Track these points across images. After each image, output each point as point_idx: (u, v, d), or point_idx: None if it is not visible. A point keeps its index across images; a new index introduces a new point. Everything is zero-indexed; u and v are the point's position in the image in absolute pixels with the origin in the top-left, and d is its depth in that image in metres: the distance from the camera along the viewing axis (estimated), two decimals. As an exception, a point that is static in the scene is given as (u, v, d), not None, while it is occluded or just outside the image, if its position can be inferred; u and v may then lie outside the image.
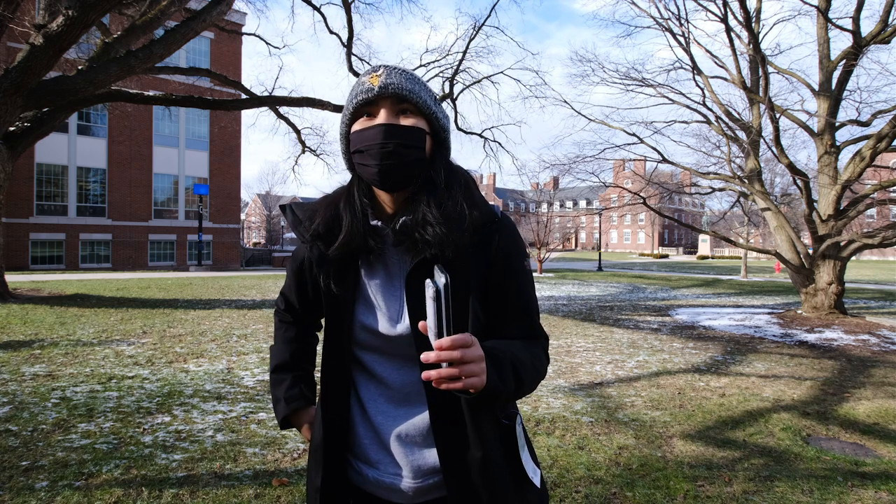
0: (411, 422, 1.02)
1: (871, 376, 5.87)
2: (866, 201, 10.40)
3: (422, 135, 1.00)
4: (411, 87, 0.99)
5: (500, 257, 1.04)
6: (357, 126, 1.01)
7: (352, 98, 1.01)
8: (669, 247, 75.13)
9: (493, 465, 0.99)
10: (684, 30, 11.71)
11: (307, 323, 1.28)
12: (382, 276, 1.05)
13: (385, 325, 1.02)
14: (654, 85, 12.62)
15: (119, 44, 11.21)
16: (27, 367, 5.43)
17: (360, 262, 1.05)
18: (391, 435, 1.03)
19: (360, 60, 16.28)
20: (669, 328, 9.17)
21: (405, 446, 1.02)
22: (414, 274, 0.98)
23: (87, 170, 25.27)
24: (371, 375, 1.06)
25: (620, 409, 4.52)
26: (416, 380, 1.02)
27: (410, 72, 1.04)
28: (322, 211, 1.08)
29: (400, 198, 1.04)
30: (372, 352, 1.05)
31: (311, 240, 1.06)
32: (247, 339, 7.29)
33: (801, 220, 16.62)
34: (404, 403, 1.04)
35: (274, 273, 23.88)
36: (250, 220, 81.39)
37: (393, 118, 0.98)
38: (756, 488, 3.05)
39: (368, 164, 0.98)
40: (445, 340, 0.77)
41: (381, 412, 1.04)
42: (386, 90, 0.97)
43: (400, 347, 1.02)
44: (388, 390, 1.04)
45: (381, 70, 1.00)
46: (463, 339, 0.78)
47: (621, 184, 19.02)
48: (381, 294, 1.04)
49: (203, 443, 3.55)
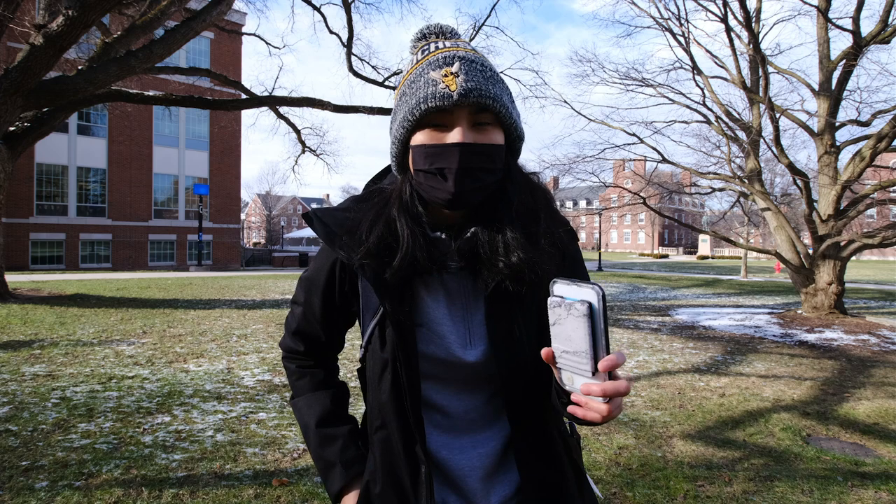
0: (478, 451, 0.93)
1: (871, 376, 5.87)
2: (866, 201, 10.40)
3: (502, 151, 0.86)
4: (495, 93, 0.82)
5: (570, 265, 0.97)
6: (422, 138, 0.84)
7: (418, 100, 0.82)
8: (669, 247, 75.16)
9: (568, 482, 0.94)
10: (684, 30, 11.72)
11: (331, 360, 1.10)
12: (443, 296, 0.92)
13: (453, 353, 0.90)
14: (654, 85, 12.62)
15: (119, 44, 11.21)
16: (27, 367, 5.43)
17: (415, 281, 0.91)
18: (457, 469, 0.92)
19: (361, 60, 16.30)
20: (669, 328, 9.17)
21: (475, 480, 0.92)
22: (493, 295, 0.88)
23: (87, 170, 25.28)
24: (427, 407, 0.92)
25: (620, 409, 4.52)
26: (479, 404, 0.93)
27: (488, 64, 0.86)
28: (368, 221, 0.90)
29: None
30: (428, 380, 0.91)
31: (364, 259, 0.88)
32: (247, 339, 7.29)
33: (801, 220, 16.63)
34: (466, 432, 0.93)
35: (274, 273, 23.88)
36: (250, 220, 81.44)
37: (470, 132, 0.82)
38: (756, 488, 3.05)
39: (439, 188, 0.84)
40: (611, 359, 0.67)
41: (444, 446, 0.92)
42: (467, 98, 0.80)
43: (465, 374, 0.91)
44: (447, 420, 0.93)
45: (455, 64, 0.82)
46: (619, 362, 0.68)
47: (621, 184, 19.03)
48: (444, 318, 0.91)
49: (203, 443, 3.55)
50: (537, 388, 0.90)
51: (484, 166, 0.83)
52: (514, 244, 0.86)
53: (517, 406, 0.91)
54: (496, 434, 0.93)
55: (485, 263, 0.87)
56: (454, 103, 0.80)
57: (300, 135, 17.85)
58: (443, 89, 0.80)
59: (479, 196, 0.86)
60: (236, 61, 28.63)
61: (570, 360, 0.70)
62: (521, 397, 0.90)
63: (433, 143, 0.83)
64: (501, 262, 0.85)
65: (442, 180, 0.83)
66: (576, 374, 0.71)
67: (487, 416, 0.93)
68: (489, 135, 0.84)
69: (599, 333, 0.67)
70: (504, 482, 0.93)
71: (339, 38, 15.95)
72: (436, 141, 0.83)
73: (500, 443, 0.93)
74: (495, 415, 0.93)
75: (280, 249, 40.45)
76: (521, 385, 0.89)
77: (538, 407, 0.92)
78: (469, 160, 0.82)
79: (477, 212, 0.89)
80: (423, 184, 0.86)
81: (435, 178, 0.84)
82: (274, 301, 12.03)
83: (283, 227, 74.10)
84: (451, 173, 0.82)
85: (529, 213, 0.90)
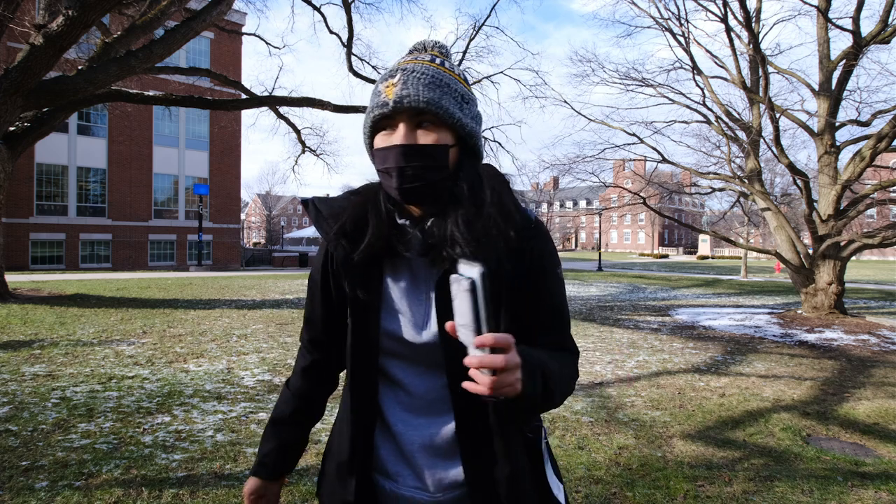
0: (434, 432, 0.98)
1: (871, 376, 5.87)
2: (866, 201, 10.41)
3: (444, 151, 0.93)
4: (430, 97, 0.90)
5: (534, 264, 0.99)
6: (378, 141, 0.95)
7: (369, 110, 0.95)
8: (669, 247, 75.15)
9: (519, 480, 0.96)
10: (684, 30, 11.72)
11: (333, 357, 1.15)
12: (407, 279, 1.00)
13: (410, 332, 0.97)
14: (654, 85, 12.62)
15: (119, 44, 11.21)
16: (27, 367, 5.43)
17: (384, 265, 1.00)
18: (412, 445, 0.98)
19: (361, 60, 16.31)
20: (669, 328, 9.17)
21: (427, 458, 0.98)
22: (443, 282, 0.93)
23: (87, 170, 25.28)
24: (392, 383, 1.01)
25: (620, 409, 4.52)
26: (440, 386, 0.98)
27: (434, 71, 0.94)
28: (350, 209, 1.01)
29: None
30: (394, 358, 1.00)
31: (336, 238, 0.99)
32: (247, 339, 7.29)
33: (801, 220, 16.63)
34: (426, 412, 0.99)
35: (274, 273, 23.88)
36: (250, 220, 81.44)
37: (411, 134, 0.91)
38: (756, 488, 3.05)
39: (389, 185, 0.94)
40: (488, 337, 0.73)
41: (401, 421, 0.99)
42: (401, 104, 0.89)
43: (424, 354, 0.98)
44: (409, 398, 0.99)
45: (397, 76, 0.92)
46: (506, 340, 0.74)
47: (621, 184, 19.03)
48: (406, 299, 0.99)
49: (203, 443, 3.55)
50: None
51: (424, 164, 0.91)
52: (458, 237, 0.92)
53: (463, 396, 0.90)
54: (450, 419, 0.98)
55: (435, 253, 0.95)
56: (391, 109, 0.91)
57: (300, 135, 17.86)
58: (383, 98, 0.92)
59: (426, 191, 0.93)
60: (236, 61, 28.63)
61: (464, 333, 0.76)
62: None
63: (383, 145, 0.94)
64: (447, 252, 0.93)
65: (391, 178, 0.93)
66: (470, 347, 0.76)
67: (445, 401, 0.98)
68: (431, 135, 0.92)
69: (480, 308, 0.73)
70: (452, 467, 0.98)
71: (339, 38, 15.97)
72: (385, 143, 0.94)
73: (453, 429, 0.98)
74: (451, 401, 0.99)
75: (280, 249, 40.45)
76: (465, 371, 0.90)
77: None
78: (406, 159, 0.91)
79: (435, 206, 0.97)
80: (383, 182, 0.97)
81: (386, 177, 0.94)
82: (274, 301, 12.03)
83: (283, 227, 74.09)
84: (393, 171, 0.92)
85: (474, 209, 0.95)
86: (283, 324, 8.72)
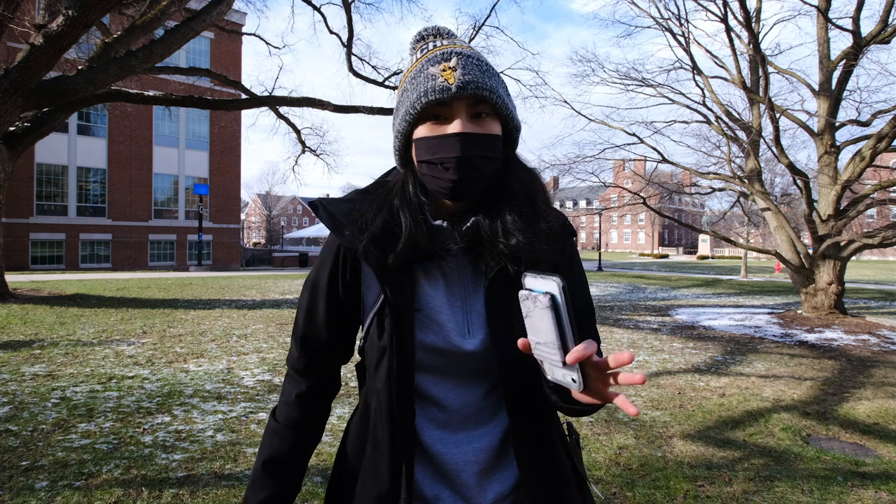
0: (477, 446, 0.92)
1: (871, 376, 5.87)
2: (866, 201, 10.41)
3: (499, 141, 0.89)
4: (492, 85, 0.86)
5: (566, 263, 0.97)
6: (424, 131, 0.87)
7: (418, 94, 0.85)
8: (669, 247, 75.16)
9: (565, 476, 0.95)
10: (684, 30, 11.72)
11: (331, 377, 1.05)
12: (442, 284, 0.93)
13: (451, 341, 0.90)
14: (654, 85, 12.62)
15: (119, 44, 11.21)
16: (27, 367, 5.43)
17: (415, 270, 0.92)
18: (455, 465, 0.91)
19: (361, 60, 16.30)
20: (669, 328, 9.17)
21: (472, 475, 0.91)
22: (493, 283, 0.89)
23: (87, 170, 25.28)
24: (424, 400, 0.92)
25: (620, 409, 4.52)
26: (478, 398, 0.92)
27: (484, 59, 0.89)
28: (372, 211, 0.92)
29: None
30: (426, 373, 0.91)
31: (368, 246, 0.89)
32: (247, 339, 7.29)
33: (801, 220, 16.63)
34: (464, 427, 0.92)
35: (274, 273, 23.88)
36: (250, 220, 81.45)
37: (469, 123, 0.85)
38: (756, 488, 3.05)
39: (441, 178, 0.86)
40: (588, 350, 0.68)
41: (439, 440, 0.91)
42: (465, 90, 0.83)
43: (464, 365, 0.91)
44: (444, 414, 0.92)
45: (452, 59, 0.85)
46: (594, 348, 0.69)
47: (621, 184, 19.03)
48: (443, 306, 0.91)
49: (203, 443, 3.55)
50: (536, 380, 0.89)
51: (483, 154, 0.86)
52: (513, 227, 0.88)
53: (516, 398, 0.91)
54: (493, 429, 0.93)
55: (486, 246, 0.89)
56: (453, 95, 0.83)
57: (300, 135, 17.85)
58: (441, 83, 0.83)
59: (480, 185, 0.88)
60: (236, 61, 28.63)
61: (544, 350, 0.72)
62: (520, 389, 0.91)
63: (434, 134, 0.86)
64: (501, 243, 0.88)
65: (443, 170, 0.86)
66: (552, 364, 0.72)
67: (485, 411, 0.93)
68: (487, 125, 0.87)
69: (564, 324, 0.69)
70: (500, 478, 0.93)
71: (339, 38, 15.95)
72: (437, 133, 0.86)
73: (497, 438, 0.93)
74: (493, 410, 0.93)
75: (280, 249, 40.44)
76: (519, 376, 0.89)
77: (538, 401, 0.92)
78: (468, 149, 0.84)
79: (477, 201, 0.91)
80: (427, 174, 0.89)
81: (437, 168, 0.87)
82: (274, 301, 12.03)
83: (283, 227, 74.09)
84: (452, 163, 0.85)
85: (527, 201, 0.93)
86: (283, 324, 8.72)
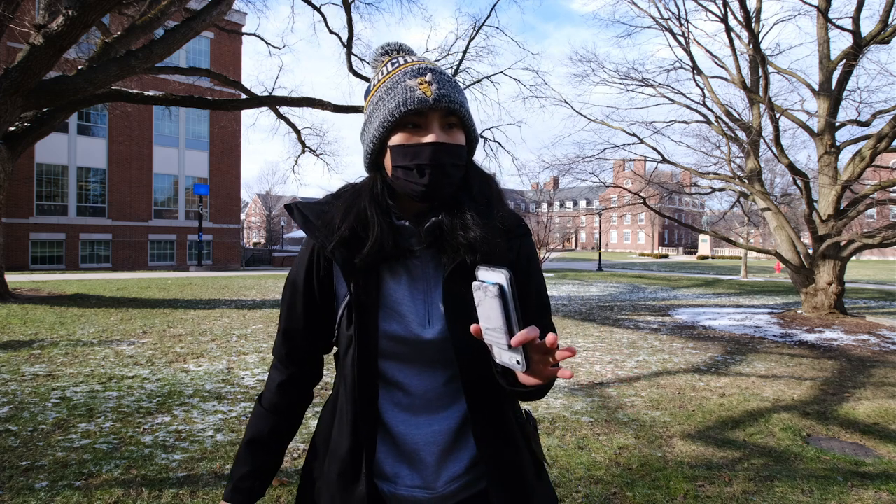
0: (437, 429, 1.00)
1: (871, 376, 5.87)
2: (866, 201, 10.40)
3: (465, 150, 0.99)
4: (461, 100, 0.96)
5: (523, 261, 1.06)
6: (400, 138, 0.95)
7: (397, 104, 0.93)
8: (669, 247, 75.15)
9: (525, 464, 1.03)
10: (684, 30, 11.72)
11: (312, 366, 1.13)
12: (405, 279, 1.01)
13: (412, 331, 0.98)
14: (654, 85, 12.62)
15: (119, 44, 11.21)
16: (27, 367, 5.43)
17: (380, 267, 1.00)
18: (415, 445, 1.00)
19: (361, 60, 16.29)
20: (669, 328, 9.17)
21: (432, 455, 1.00)
22: (451, 277, 0.97)
23: (87, 170, 25.28)
24: (388, 384, 1.01)
25: (620, 409, 4.52)
26: (440, 384, 1.01)
27: (451, 76, 1.00)
28: (342, 213, 1.00)
29: None
30: (390, 359, 1.00)
31: (337, 246, 0.98)
32: (247, 339, 7.29)
33: (801, 220, 16.63)
34: (426, 411, 1.01)
35: (274, 273, 23.88)
36: (250, 220, 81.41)
37: (442, 133, 0.94)
38: (756, 488, 3.05)
39: (416, 182, 0.95)
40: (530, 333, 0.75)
41: (402, 422, 1.00)
42: (440, 103, 0.93)
43: (426, 352, 0.99)
44: (408, 398, 1.01)
45: (428, 74, 0.95)
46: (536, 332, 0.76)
47: (621, 184, 19.03)
48: (406, 298, 1.00)
49: (203, 443, 3.55)
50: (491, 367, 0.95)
51: (453, 162, 0.95)
52: (471, 222, 0.97)
53: (474, 386, 0.99)
54: (453, 413, 1.01)
55: (447, 240, 0.97)
56: (430, 107, 0.92)
57: (300, 135, 17.86)
58: (420, 94, 0.93)
59: (450, 189, 0.97)
60: (236, 61, 28.62)
61: (492, 335, 0.79)
62: (478, 377, 0.98)
63: (411, 142, 0.94)
64: (461, 236, 0.96)
65: (418, 175, 0.94)
66: (500, 348, 0.79)
67: (446, 397, 1.01)
68: (455, 136, 0.97)
69: (511, 311, 0.76)
70: (456, 459, 1.01)
71: (339, 38, 15.95)
72: (412, 140, 0.95)
73: (456, 422, 1.01)
74: (453, 396, 1.01)
75: (280, 249, 40.45)
76: (476, 365, 0.97)
77: (495, 388, 0.99)
78: (443, 157, 0.94)
79: (445, 203, 1.00)
80: (401, 178, 0.97)
81: (412, 173, 0.95)
82: (274, 301, 12.03)
83: (283, 227, 74.05)
84: (426, 168, 0.94)
85: (485, 201, 1.02)
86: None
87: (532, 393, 0.91)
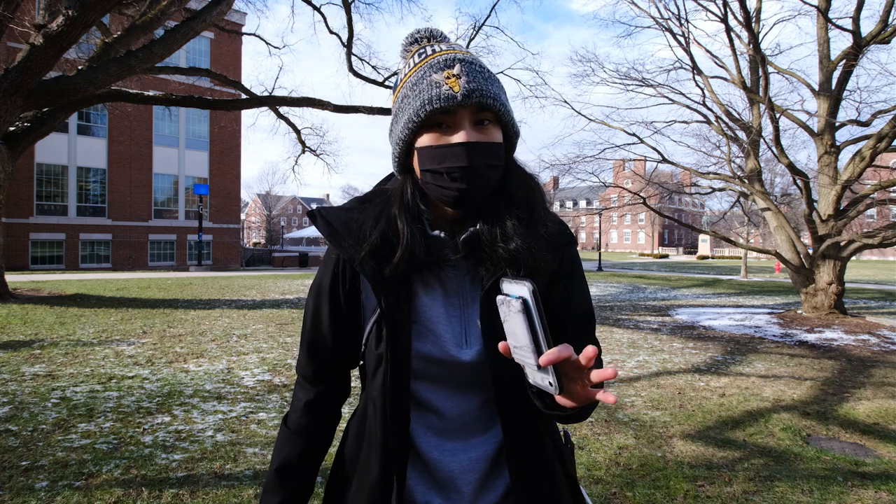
0: (473, 455, 0.93)
1: (871, 376, 5.87)
2: (866, 201, 10.40)
3: (502, 148, 0.88)
4: (495, 92, 0.85)
5: (566, 269, 0.97)
6: (428, 140, 0.85)
7: (422, 102, 0.83)
8: (669, 247, 75.15)
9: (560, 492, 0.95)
10: (684, 30, 11.72)
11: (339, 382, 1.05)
12: (440, 294, 0.92)
13: (448, 352, 0.90)
14: (654, 85, 12.62)
15: (119, 44, 11.21)
16: (27, 367, 5.43)
17: (413, 280, 0.92)
18: (450, 472, 0.92)
19: (361, 60, 16.30)
20: (669, 328, 9.17)
21: (467, 482, 0.92)
22: (491, 292, 0.87)
23: (87, 170, 25.28)
24: (421, 407, 0.93)
25: (620, 409, 4.52)
26: (475, 407, 0.93)
27: (485, 65, 0.88)
28: (371, 221, 0.92)
29: None
30: (423, 381, 0.92)
31: (365, 258, 0.89)
32: (247, 339, 7.29)
33: (801, 220, 16.62)
34: (461, 435, 0.93)
35: (274, 273, 23.88)
36: (250, 220, 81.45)
37: (474, 131, 0.84)
38: (756, 488, 3.05)
39: (447, 187, 0.85)
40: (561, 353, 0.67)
41: (435, 447, 0.92)
42: (470, 99, 0.82)
43: (461, 374, 0.91)
44: (441, 421, 0.93)
45: (456, 66, 0.84)
46: (569, 351, 0.68)
47: (621, 184, 19.04)
48: (441, 316, 0.92)
49: (203, 443, 3.55)
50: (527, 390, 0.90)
51: (488, 163, 0.85)
52: (512, 232, 0.87)
53: (510, 410, 0.91)
54: (489, 440, 0.94)
55: (485, 251, 0.88)
56: (458, 104, 0.82)
57: (300, 135, 17.85)
58: (447, 91, 0.82)
59: (485, 193, 0.87)
60: (236, 61, 28.62)
61: (521, 354, 0.71)
62: (515, 401, 0.90)
63: (439, 143, 0.85)
64: (501, 248, 0.87)
65: (450, 180, 0.85)
66: (531, 369, 0.71)
67: (482, 421, 0.93)
68: (490, 133, 0.86)
69: (537, 327, 0.68)
70: (493, 488, 0.94)
71: (339, 38, 15.95)
72: (441, 141, 0.85)
73: (493, 448, 0.93)
74: (490, 420, 0.93)
75: (280, 249, 40.42)
76: (514, 388, 0.89)
77: (532, 413, 0.90)
78: (475, 159, 0.83)
79: (481, 209, 0.90)
80: (431, 183, 0.87)
81: (442, 178, 0.85)
82: (274, 301, 12.03)
83: (283, 227, 74.07)
84: (458, 172, 0.84)
85: (527, 206, 0.92)
86: (283, 324, 8.72)
87: (571, 416, 0.83)
